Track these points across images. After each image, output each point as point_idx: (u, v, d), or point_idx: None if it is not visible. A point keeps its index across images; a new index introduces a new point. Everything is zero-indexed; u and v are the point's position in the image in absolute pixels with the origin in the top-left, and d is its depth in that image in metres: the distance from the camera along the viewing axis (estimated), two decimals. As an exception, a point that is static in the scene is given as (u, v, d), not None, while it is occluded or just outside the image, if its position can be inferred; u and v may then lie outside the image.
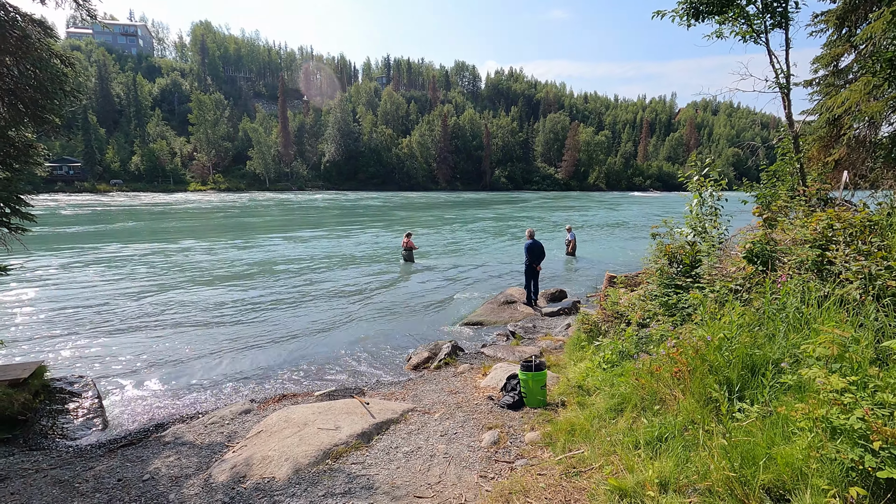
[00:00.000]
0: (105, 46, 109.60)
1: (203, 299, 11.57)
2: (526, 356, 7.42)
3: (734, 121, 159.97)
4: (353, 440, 4.39)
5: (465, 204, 59.31)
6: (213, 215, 39.83)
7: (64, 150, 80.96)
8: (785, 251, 4.67)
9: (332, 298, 11.87)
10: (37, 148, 7.42)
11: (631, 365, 4.76)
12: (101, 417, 5.64)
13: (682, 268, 5.69)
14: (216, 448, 4.69)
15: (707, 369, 3.72)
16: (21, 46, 6.34)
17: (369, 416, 4.88)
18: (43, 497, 3.84)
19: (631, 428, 3.87)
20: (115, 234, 25.77)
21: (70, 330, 9.18)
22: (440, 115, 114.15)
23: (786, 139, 8.36)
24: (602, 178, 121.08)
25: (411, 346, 8.45)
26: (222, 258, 17.96)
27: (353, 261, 17.62)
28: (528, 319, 9.94)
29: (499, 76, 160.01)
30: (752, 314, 4.04)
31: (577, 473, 3.52)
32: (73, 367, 7.34)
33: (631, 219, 39.20)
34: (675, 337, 4.13)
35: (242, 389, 6.68)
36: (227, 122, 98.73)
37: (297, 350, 8.28)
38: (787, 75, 7.65)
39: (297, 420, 4.74)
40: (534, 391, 5.14)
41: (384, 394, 6.16)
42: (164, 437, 5.01)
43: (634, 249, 21.72)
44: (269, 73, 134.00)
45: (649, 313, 5.58)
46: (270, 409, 5.75)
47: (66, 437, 5.20)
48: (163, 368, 7.39)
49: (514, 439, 4.44)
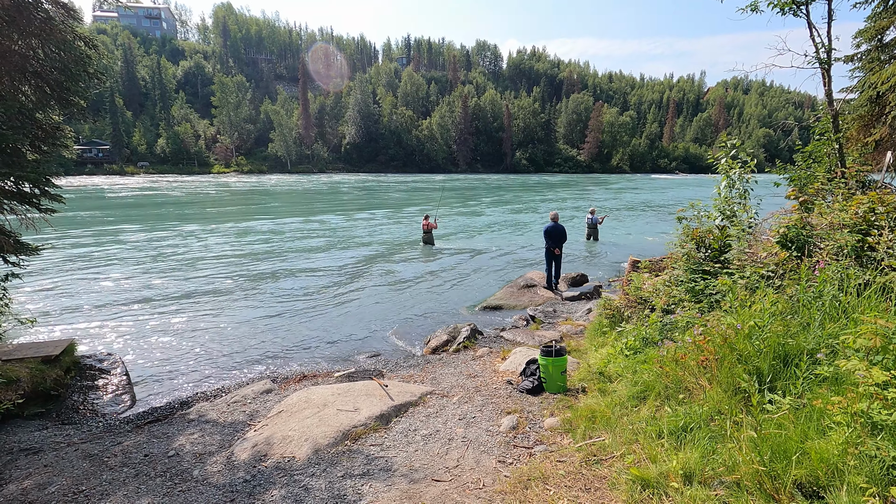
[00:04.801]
0: (130, 30, 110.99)
1: (228, 279, 11.78)
2: (546, 341, 7.34)
3: (766, 100, 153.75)
4: (372, 422, 4.40)
5: (485, 187, 58.84)
6: (237, 199, 40.44)
7: (93, 133, 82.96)
8: (822, 236, 4.44)
9: (353, 281, 11.95)
10: (64, 130, 7.55)
11: (655, 352, 4.64)
12: (129, 394, 5.80)
13: (710, 253, 5.50)
14: (238, 426, 4.77)
15: (736, 358, 3.58)
16: (45, 29, 6.40)
17: (388, 398, 4.90)
18: (74, 470, 3.97)
19: (654, 417, 3.78)
20: (147, 216, 26.38)
21: (99, 308, 9.48)
22: (460, 96, 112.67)
23: (824, 118, 7.95)
24: (626, 160, 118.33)
25: (430, 329, 8.45)
26: (247, 239, 18.23)
27: (374, 243, 17.68)
28: (548, 304, 9.83)
29: (521, 55, 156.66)
30: (786, 302, 3.87)
31: (598, 461, 3.46)
32: (103, 344, 7.58)
33: (655, 202, 38.31)
34: (702, 324, 3.98)
35: (264, 369, 6.80)
36: (248, 105, 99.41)
37: (317, 331, 8.37)
38: (829, 50, 7.23)
39: (316, 401, 4.78)
40: (554, 377, 5.07)
41: (403, 376, 6.18)
42: (189, 415, 5.13)
43: (658, 233, 21.25)
44: (289, 55, 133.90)
45: (674, 299, 5.42)
46: (291, 388, 5.83)
47: (96, 413, 5.37)
48: (189, 347, 7.56)
49: (534, 425, 4.40)
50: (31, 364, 5.34)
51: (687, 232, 6.90)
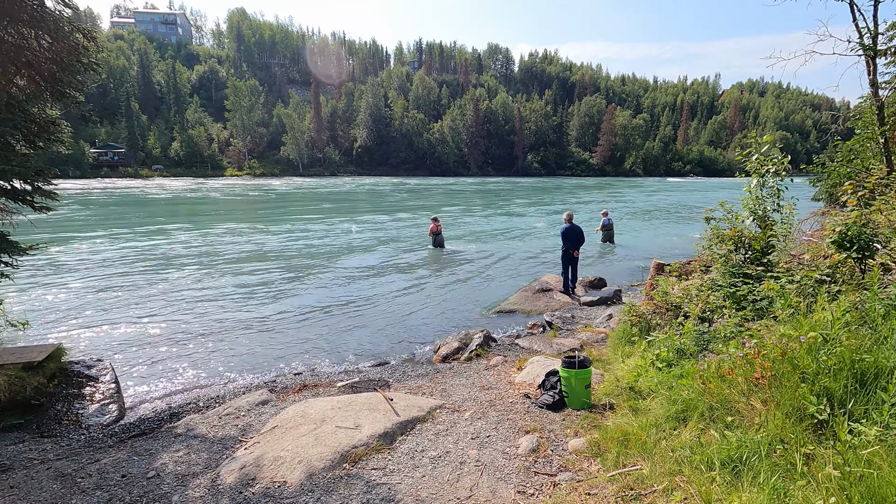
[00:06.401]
0: (146, 35, 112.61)
1: (229, 284, 11.42)
2: (565, 349, 6.82)
3: (783, 102, 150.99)
4: (374, 441, 3.93)
5: (496, 190, 58.29)
6: (246, 202, 40.41)
7: (109, 137, 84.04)
8: (888, 235, 3.89)
9: (359, 284, 11.52)
10: (60, 125, 7.22)
11: (693, 365, 4.12)
12: (116, 403, 5.40)
13: (751, 254, 4.95)
14: (228, 443, 4.34)
15: (799, 377, 3.05)
16: (36, 17, 6.08)
17: (393, 413, 4.43)
18: (42, 492, 3.56)
19: (700, 442, 3.26)
20: (148, 219, 26.31)
21: (93, 312, 9.10)
22: (472, 100, 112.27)
23: (868, 111, 7.34)
24: (639, 164, 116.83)
25: (440, 336, 7.96)
26: (251, 242, 17.94)
27: (383, 246, 17.26)
28: (565, 309, 9.30)
29: (532, 59, 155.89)
30: (853, 311, 3.33)
31: (636, 497, 2.95)
32: (94, 349, 7.21)
33: (669, 205, 37.44)
34: (754, 335, 3.45)
35: (263, 377, 6.36)
36: (261, 109, 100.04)
37: (321, 337, 7.93)
38: (874, 35, 6.65)
39: (314, 416, 4.33)
40: (577, 391, 4.57)
41: (410, 387, 5.71)
42: (177, 428, 4.70)
43: (674, 235, 20.57)
44: (302, 59, 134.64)
45: (711, 305, 4.89)
46: (290, 399, 5.39)
47: (79, 424, 4.98)
48: (185, 353, 7.17)
49: (556, 446, 3.90)
50: (11, 371, 4.96)
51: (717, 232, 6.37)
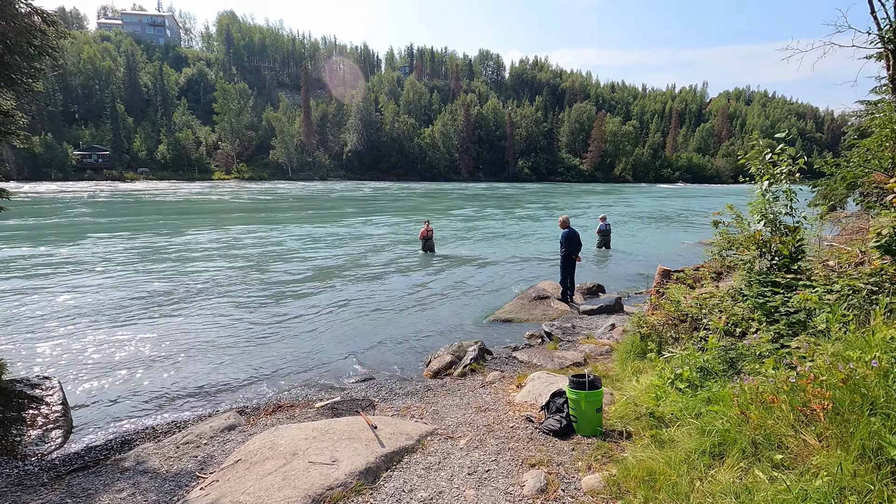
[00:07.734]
0: (133, 37, 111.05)
1: (198, 292, 10.69)
2: (567, 362, 6.27)
3: (769, 111, 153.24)
4: (354, 480, 3.33)
5: (488, 195, 57.91)
6: (233, 207, 39.53)
7: (93, 139, 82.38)
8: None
9: (345, 291, 10.88)
10: (14, 116, 6.56)
11: (723, 388, 3.58)
12: (62, 429, 4.73)
13: (779, 260, 4.44)
14: (183, 480, 3.70)
15: (869, 408, 2.52)
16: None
17: (377, 443, 3.82)
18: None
19: (745, 487, 2.70)
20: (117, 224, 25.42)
21: (44, 323, 8.27)
22: (463, 105, 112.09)
23: (887, 107, 6.93)
24: (629, 170, 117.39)
25: (431, 347, 7.35)
26: (228, 246, 17.21)
27: (371, 251, 16.63)
28: (564, 318, 8.76)
29: (523, 65, 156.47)
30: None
31: (676, 561, 2.38)
32: (42, 365, 6.48)
33: (662, 211, 37.28)
34: (807, 357, 2.92)
35: (233, 396, 5.71)
36: (250, 112, 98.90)
37: (300, 349, 7.28)
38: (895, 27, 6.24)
39: (284, 448, 3.71)
40: (587, 415, 4.01)
41: (398, 407, 5.10)
42: (125, 461, 4.04)
43: (670, 241, 20.23)
44: (292, 63, 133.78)
45: (736, 318, 4.36)
46: (261, 423, 4.76)
47: (13, 454, 4.30)
48: (147, 368, 6.47)
49: (568, 485, 3.33)
50: (-67, 393, 4.28)
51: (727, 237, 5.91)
